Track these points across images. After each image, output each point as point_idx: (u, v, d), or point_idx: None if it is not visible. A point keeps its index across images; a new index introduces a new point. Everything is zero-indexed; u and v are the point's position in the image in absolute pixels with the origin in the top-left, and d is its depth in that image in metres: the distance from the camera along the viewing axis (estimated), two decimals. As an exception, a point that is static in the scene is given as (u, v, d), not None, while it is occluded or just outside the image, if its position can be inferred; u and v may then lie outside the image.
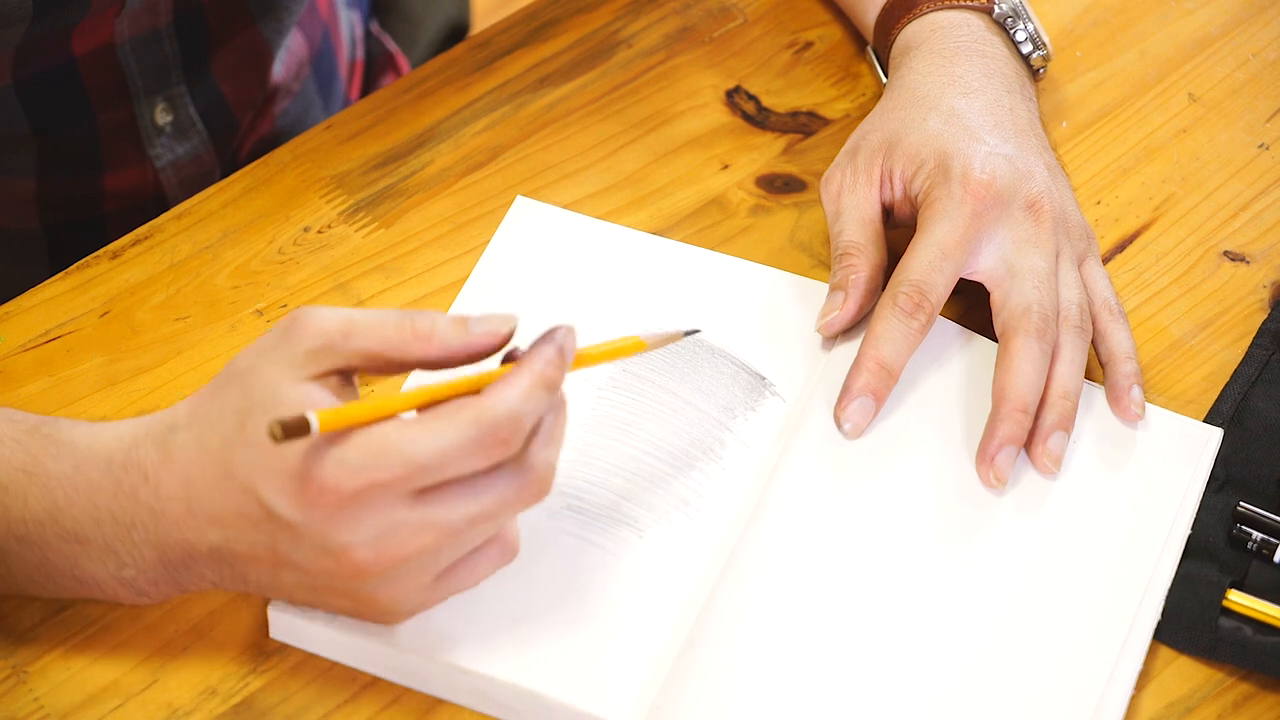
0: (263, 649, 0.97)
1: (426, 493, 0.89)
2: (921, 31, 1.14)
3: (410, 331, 0.91)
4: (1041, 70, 1.15)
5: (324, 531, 0.89)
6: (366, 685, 0.97)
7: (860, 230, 1.07)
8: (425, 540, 0.89)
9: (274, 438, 0.86)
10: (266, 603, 0.97)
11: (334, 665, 0.97)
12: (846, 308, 1.06)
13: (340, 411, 0.88)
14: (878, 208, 1.08)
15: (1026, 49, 1.14)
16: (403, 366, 0.91)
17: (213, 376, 0.94)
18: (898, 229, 1.10)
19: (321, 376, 0.90)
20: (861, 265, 1.07)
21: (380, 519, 0.89)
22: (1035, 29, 1.14)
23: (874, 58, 1.19)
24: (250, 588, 0.94)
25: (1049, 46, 1.15)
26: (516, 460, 0.90)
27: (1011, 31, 1.14)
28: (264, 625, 0.97)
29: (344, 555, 0.89)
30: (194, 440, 0.91)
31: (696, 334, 1.05)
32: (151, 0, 1.20)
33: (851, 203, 1.08)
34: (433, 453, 0.88)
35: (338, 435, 0.88)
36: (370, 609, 0.93)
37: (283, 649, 0.97)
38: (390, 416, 0.89)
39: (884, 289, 1.06)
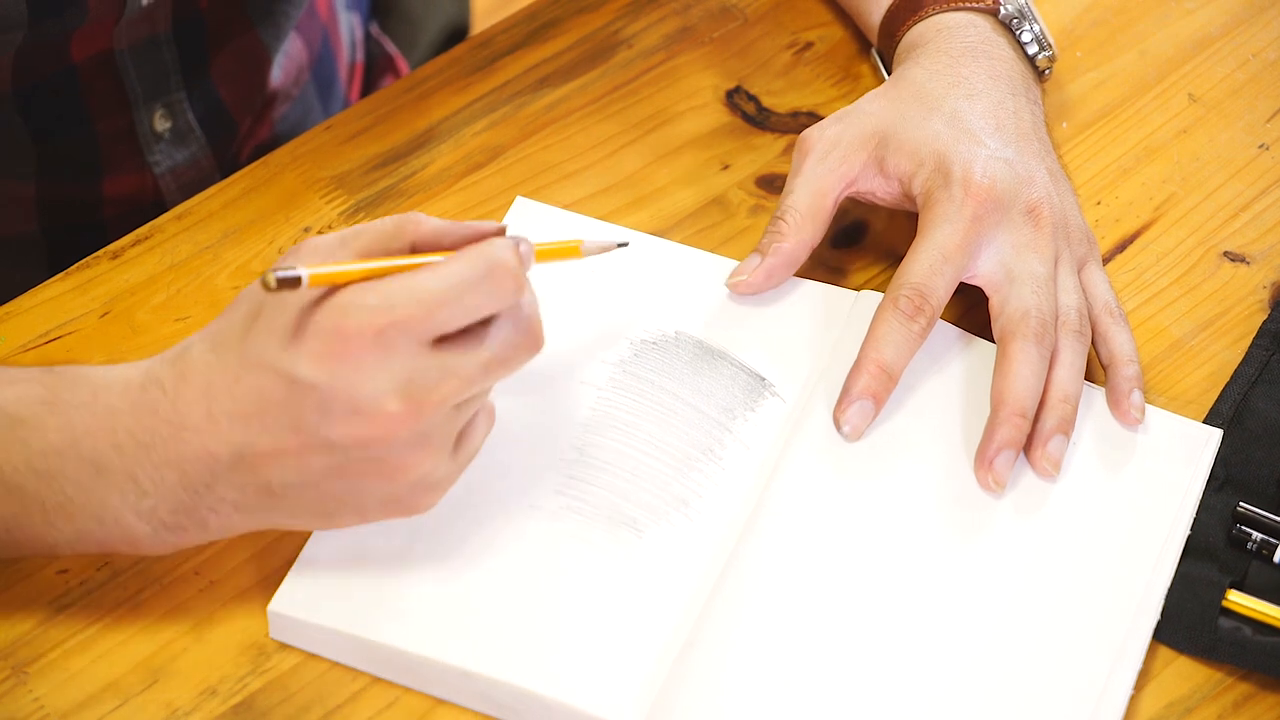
0: (263, 649, 0.97)
1: (441, 343, 0.92)
2: (928, 32, 1.14)
3: (406, 218, 0.94)
4: (1047, 71, 1.15)
5: (352, 386, 0.90)
6: (367, 685, 0.97)
7: (809, 200, 1.08)
8: (448, 388, 0.91)
9: (266, 286, 0.89)
10: (267, 603, 0.97)
11: (334, 665, 0.97)
12: (757, 275, 1.08)
13: (329, 271, 0.91)
14: (839, 188, 1.08)
15: (1032, 50, 1.14)
16: (399, 252, 0.94)
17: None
18: (881, 210, 1.10)
19: None
20: (790, 235, 1.07)
21: (403, 365, 0.91)
22: (1041, 30, 1.14)
23: (878, 59, 1.19)
24: (276, 506, 0.93)
25: (1054, 48, 1.15)
26: (513, 309, 0.94)
27: (1017, 33, 1.14)
28: (264, 625, 0.97)
29: (375, 409, 0.90)
30: (209, 349, 0.93)
31: (625, 246, 1.04)
32: (150, 8, 1.20)
33: (818, 171, 1.08)
34: (445, 289, 0.91)
35: (350, 287, 0.91)
36: (401, 487, 0.93)
37: (283, 649, 0.97)
38: (378, 276, 0.92)
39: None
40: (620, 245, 1.02)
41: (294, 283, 0.89)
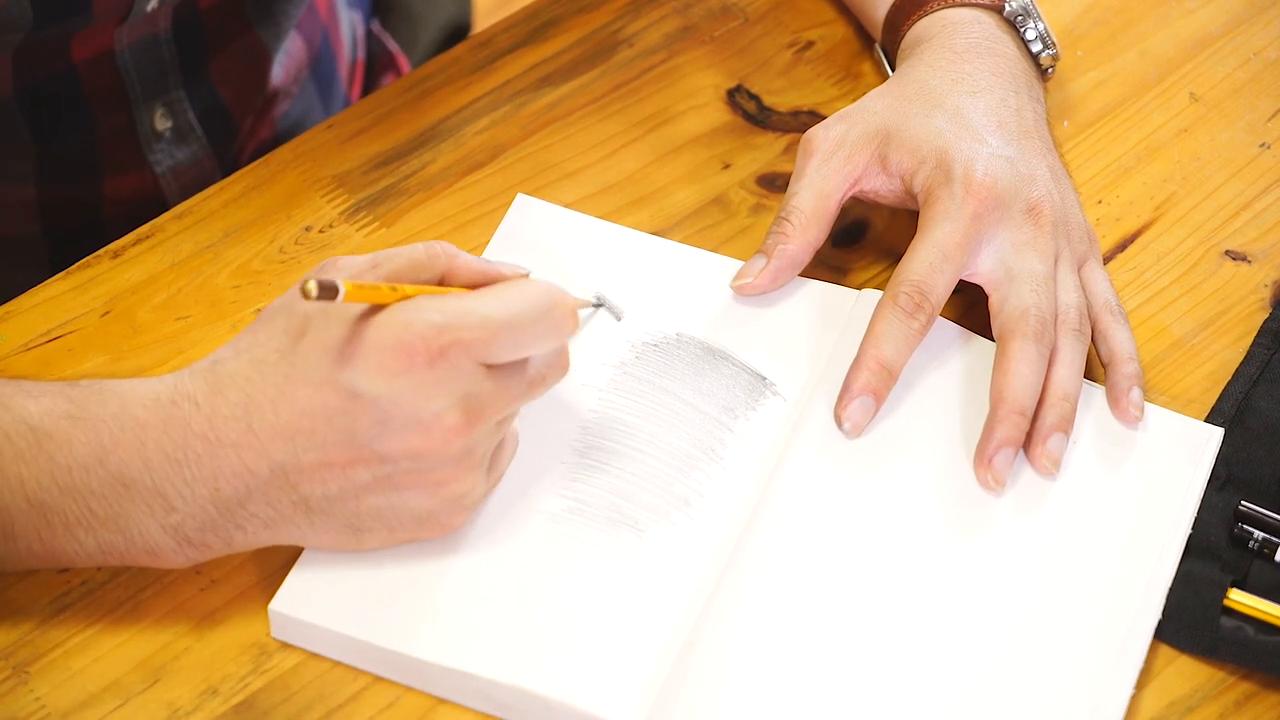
0: (264, 649, 0.97)
1: (494, 368, 0.93)
2: (932, 27, 1.13)
3: (438, 247, 0.96)
4: (1050, 70, 1.15)
5: (413, 401, 0.91)
6: (367, 685, 0.97)
7: (814, 202, 1.08)
8: (500, 405, 0.93)
9: (306, 295, 0.89)
10: (268, 602, 0.97)
11: (335, 665, 0.97)
12: (762, 277, 1.08)
13: (367, 288, 0.91)
14: (843, 189, 1.08)
15: (1036, 48, 1.14)
16: (429, 281, 0.95)
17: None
18: (878, 208, 1.10)
19: None
20: (795, 237, 1.07)
21: (463, 383, 0.92)
22: (1045, 28, 1.14)
23: (882, 55, 1.19)
24: (307, 523, 0.94)
25: (1058, 46, 1.15)
26: None
27: (1022, 30, 1.14)
28: (265, 624, 0.97)
29: (435, 421, 0.92)
30: (246, 364, 0.93)
31: (605, 308, 1.08)
32: (152, 10, 1.20)
33: (822, 173, 1.08)
34: (507, 318, 0.92)
35: (410, 302, 0.92)
36: (439, 502, 0.94)
37: (284, 648, 0.97)
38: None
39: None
40: (596, 305, 1.07)
41: (332, 292, 0.89)
